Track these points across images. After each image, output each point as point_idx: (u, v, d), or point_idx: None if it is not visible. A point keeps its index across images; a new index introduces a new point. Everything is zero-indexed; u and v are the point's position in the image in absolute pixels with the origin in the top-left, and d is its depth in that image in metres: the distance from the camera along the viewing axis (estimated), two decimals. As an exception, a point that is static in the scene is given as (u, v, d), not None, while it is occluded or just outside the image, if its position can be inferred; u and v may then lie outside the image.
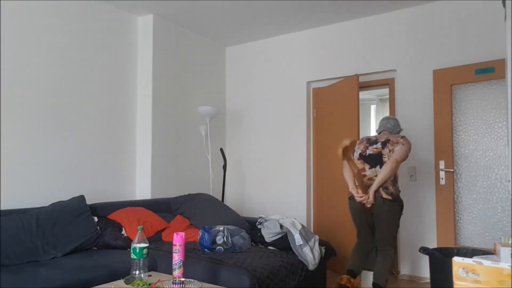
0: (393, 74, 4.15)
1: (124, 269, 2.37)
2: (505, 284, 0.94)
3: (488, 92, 3.54)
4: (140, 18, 4.25)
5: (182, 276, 1.90)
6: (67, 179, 3.51)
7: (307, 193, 4.59)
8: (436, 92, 3.72)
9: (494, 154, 3.49)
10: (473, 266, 0.98)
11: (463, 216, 3.61)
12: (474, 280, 0.98)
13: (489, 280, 0.96)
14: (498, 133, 3.48)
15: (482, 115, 3.57)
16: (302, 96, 4.65)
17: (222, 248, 2.94)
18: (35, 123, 3.30)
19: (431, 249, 3.03)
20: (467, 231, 3.59)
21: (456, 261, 1.00)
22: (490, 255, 1.75)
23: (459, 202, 3.63)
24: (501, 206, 3.43)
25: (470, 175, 3.59)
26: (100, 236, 3.05)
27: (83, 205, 3.12)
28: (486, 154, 3.53)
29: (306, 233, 3.12)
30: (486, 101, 3.55)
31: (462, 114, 3.66)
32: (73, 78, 3.60)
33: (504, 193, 3.42)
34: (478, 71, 3.51)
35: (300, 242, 3.00)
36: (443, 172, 3.65)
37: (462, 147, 3.64)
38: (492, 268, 0.96)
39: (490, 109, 3.53)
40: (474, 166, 3.57)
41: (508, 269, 0.94)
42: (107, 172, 3.87)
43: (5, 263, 2.49)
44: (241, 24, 4.48)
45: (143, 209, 3.50)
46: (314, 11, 4.09)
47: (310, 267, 3.00)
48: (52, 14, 3.44)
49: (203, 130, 4.54)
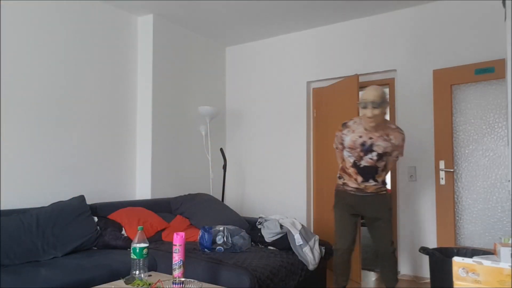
0: (393, 74, 4.15)
1: (124, 269, 2.37)
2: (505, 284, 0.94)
3: (488, 92, 3.54)
4: (140, 18, 4.25)
5: (182, 276, 1.90)
6: (67, 179, 3.51)
7: (307, 193, 4.59)
8: (436, 92, 3.72)
9: (494, 154, 3.49)
10: (473, 266, 0.98)
11: (463, 216, 3.61)
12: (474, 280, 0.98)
13: (489, 280, 0.96)
14: (498, 133, 3.48)
15: (482, 115, 3.57)
16: (302, 96, 4.65)
17: (222, 248, 2.94)
18: (35, 123, 3.30)
19: (431, 249, 3.03)
20: (467, 231, 3.59)
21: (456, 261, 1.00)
22: (490, 255, 1.75)
23: (459, 202, 3.63)
24: (501, 206, 3.43)
25: (470, 175, 3.59)
26: (100, 236, 3.05)
27: (83, 205, 3.12)
28: (486, 154, 3.53)
29: (306, 233, 3.12)
30: (486, 101, 3.55)
31: (462, 114, 3.66)
32: (73, 78, 3.60)
33: (504, 193, 3.42)
34: (478, 71, 3.51)
35: (300, 242, 3.00)
36: (443, 172, 3.65)
37: (462, 147, 3.64)
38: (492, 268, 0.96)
39: (490, 109, 3.53)
40: (474, 166, 3.57)
41: (508, 269, 0.94)
42: (107, 172, 3.87)
43: (5, 263, 2.49)
44: (241, 24, 4.48)
45: (143, 209, 3.50)
46: (314, 11, 4.09)
47: (310, 267, 3.00)
48: (52, 14, 3.44)
49: (203, 130, 4.54)
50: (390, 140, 2.78)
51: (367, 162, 2.81)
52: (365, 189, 2.88)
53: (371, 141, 2.79)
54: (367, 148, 2.80)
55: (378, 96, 2.67)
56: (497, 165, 3.47)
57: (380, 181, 2.88)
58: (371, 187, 2.87)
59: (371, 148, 2.79)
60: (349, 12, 4.11)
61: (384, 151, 2.78)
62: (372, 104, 2.66)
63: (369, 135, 2.79)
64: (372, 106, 2.66)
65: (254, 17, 4.25)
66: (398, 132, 2.82)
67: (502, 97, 3.46)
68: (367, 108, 2.68)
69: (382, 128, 2.80)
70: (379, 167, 2.82)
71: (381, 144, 2.77)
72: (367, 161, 2.81)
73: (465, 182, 3.61)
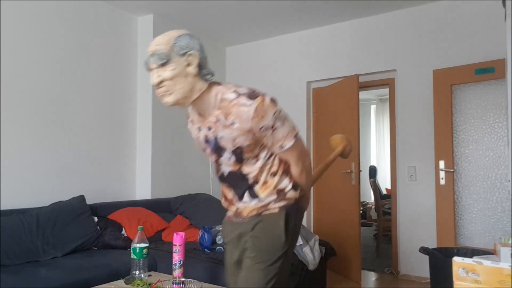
0: (393, 74, 4.15)
1: (124, 269, 2.37)
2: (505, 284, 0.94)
3: (488, 92, 3.54)
4: (140, 18, 4.25)
5: (182, 276, 1.90)
6: (67, 179, 3.51)
7: (307, 193, 4.58)
8: (436, 92, 3.72)
9: (494, 154, 3.49)
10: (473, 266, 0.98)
11: (463, 216, 3.61)
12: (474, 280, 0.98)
13: (489, 280, 0.96)
14: (498, 133, 3.48)
15: (482, 115, 3.57)
16: (302, 96, 4.65)
17: (222, 248, 2.94)
18: (35, 123, 3.30)
19: (431, 249, 3.03)
20: (467, 231, 3.59)
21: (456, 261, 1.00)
22: (490, 255, 1.75)
23: (459, 202, 3.63)
24: (501, 206, 3.43)
25: (470, 175, 3.59)
26: (100, 236, 3.05)
27: (83, 205, 3.12)
28: (486, 154, 3.53)
29: (306, 233, 3.12)
30: (486, 101, 3.55)
31: (462, 114, 3.66)
32: (73, 78, 3.60)
33: (504, 193, 3.42)
34: (478, 71, 3.51)
35: (300, 242, 3.00)
36: (443, 172, 3.65)
37: (462, 147, 3.64)
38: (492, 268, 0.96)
39: (490, 109, 3.53)
40: (474, 166, 3.57)
41: (508, 269, 0.94)
42: (107, 172, 3.87)
43: (5, 263, 2.49)
44: (241, 24, 4.48)
45: (143, 209, 3.50)
46: (314, 11, 4.09)
47: (310, 267, 3.00)
48: (52, 14, 3.44)
49: (203, 130, 4.53)
50: (232, 124, 1.38)
51: (228, 166, 1.52)
52: (238, 213, 1.54)
53: (212, 132, 1.47)
54: (214, 145, 1.50)
55: (164, 43, 1.35)
56: (497, 165, 3.47)
57: (264, 195, 1.47)
58: (245, 209, 1.51)
59: (219, 144, 1.47)
60: (349, 12, 4.11)
61: (235, 146, 1.42)
62: (153, 60, 1.35)
63: (207, 124, 1.48)
64: (154, 63, 1.35)
65: (254, 17, 4.25)
66: (238, 105, 1.36)
67: (502, 97, 3.46)
68: (151, 70, 1.38)
69: (213, 105, 1.43)
70: (247, 173, 1.48)
71: (224, 135, 1.43)
72: (227, 165, 1.52)
73: (465, 182, 3.61)
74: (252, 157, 1.46)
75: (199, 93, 1.40)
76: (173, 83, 1.35)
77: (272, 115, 1.37)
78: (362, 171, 7.48)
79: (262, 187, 1.48)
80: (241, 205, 1.53)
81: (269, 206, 1.48)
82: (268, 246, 1.45)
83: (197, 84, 1.39)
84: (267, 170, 1.47)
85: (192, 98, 1.40)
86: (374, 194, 5.57)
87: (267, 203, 1.48)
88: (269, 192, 1.47)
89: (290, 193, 1.49)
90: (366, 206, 6.91)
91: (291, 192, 1.49)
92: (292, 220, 1.48)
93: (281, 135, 1.42)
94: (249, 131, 1.38)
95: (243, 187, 1.51)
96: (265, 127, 1.37)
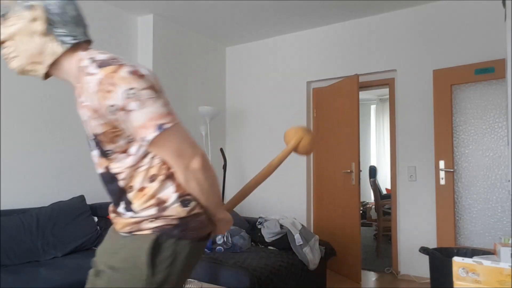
0: (393, 74, 4.15)
1: (124, 269, 2.37)
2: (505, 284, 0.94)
3: (488, 92, 3.55)
4: (140, 18, 4.25)
5: (182, 276, 1.89)
6: (67, 179, 3.51)
7: (307, 193, 4.59)
8: (436, 92, 3.72)
9: (494, 154, 3.49)
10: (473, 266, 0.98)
11: (463, 216, 3.61)
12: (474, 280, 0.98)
13: (489, 280, 0.96)
14: (498, 133, 3.48)
15: (482, 115, 3.57)
16: (302, 96, 4.65)
17: (222, 248, 2.95)
18: (35, 123, 3.30)
19: (431, 249, 3.03)
20: (467, 231, 3.59)
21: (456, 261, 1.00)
22: (490, 255, 1.75)
23: (459, 202, 3.63)
24: (501, 206, 3.43)
25: (470, 175, 3.59)
26: (100, 236, 3.06)
27: (83, 205, 3.12)
28: (486, 154, 3.53)
29: (306, 233, 3.12)
30: (486, 101, 3.55)
31: (462, 114, 3.66)
32: (73, 78, 3.60)
33: (504, 193, 3.42)
34: (478, 71, 3.51)
35: (300, 242, 3.00)
36: (443, 172, 3.65)
37: (462, 147, 3.64)
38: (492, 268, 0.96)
39: (490, 109, 3.53)
40: (474, 166, 3.57)
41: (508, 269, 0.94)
42: (107, 172, 3.86)
43: (5, 263, 2.49)
44: (241, 24, 4.48)
45: (143, 209, 3.50)
46: (314, 11, 4.09)
47: (310, 267, 3.00)
48: (52, 14, 3.44)
49: (203, 130, 4.54)
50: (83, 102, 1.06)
51: (96, 163, 1.17)
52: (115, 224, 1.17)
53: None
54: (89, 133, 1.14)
55: None
56: (497, 165, 3.47)
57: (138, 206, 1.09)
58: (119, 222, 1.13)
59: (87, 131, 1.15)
60: (350, 12, 4.11)
61: (93, 133, 1.08)
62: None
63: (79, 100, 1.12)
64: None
65: (254, 17, 4.25)
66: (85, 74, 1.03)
67: (502, 97, 3.46)
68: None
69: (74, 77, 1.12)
70: (116, 173, 1.11)
71: (82, 117, 1.11)
72: (96, 162, 1.17)
73: (465, 182, 3.61)
74: (119, 151, 1.07)
75: (53, 59, 1.07)
76: (15, 43, 1.05)
77: (123, 91, 0.96)
78: (362, 171, 7.50)
79: (138, 194, 1.08)
80: (114, 216, 1.16)
81: (142, 224, 1.06)
82: (127, 282, 1.03)
83: (47, 46, 1.06)
84: (144, 172, 1.08)
85: (44, 64, 1.08)
86: (374, 194, 5.56)
87: (141, 219, 1.06)
88: (144, 202, 1.07)
89: (172, 208, 1.07)
90: (366, 206, 6.91)
91: (174, 207, 1.07)
92: (167, 249, 1.05)
93: (138, 123, 0.99)
94: (96, 111, 1.01)
95: (116, 193, 1.12)
96: (115, 107, 0.98)
